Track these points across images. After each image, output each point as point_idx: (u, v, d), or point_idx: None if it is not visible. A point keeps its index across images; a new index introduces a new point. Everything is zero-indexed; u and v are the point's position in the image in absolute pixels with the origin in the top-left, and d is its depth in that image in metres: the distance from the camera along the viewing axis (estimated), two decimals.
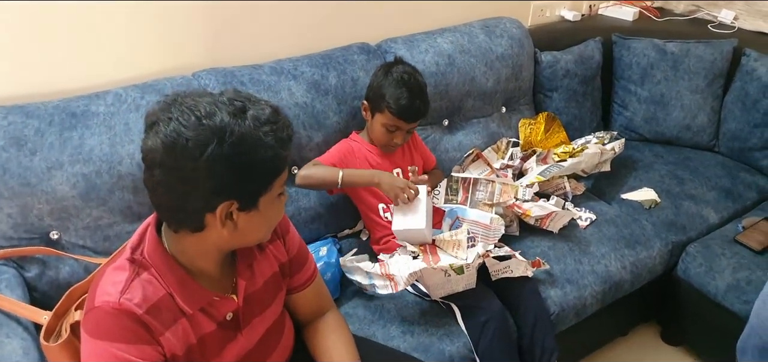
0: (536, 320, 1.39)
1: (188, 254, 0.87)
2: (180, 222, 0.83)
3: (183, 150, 0.75)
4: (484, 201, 1.54)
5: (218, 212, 0.80)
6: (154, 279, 0.84)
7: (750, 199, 1.88)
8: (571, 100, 2.02)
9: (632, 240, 1.65)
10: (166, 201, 0.81)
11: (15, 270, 1.19)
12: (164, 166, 0.77)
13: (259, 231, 0.90)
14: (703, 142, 2.09)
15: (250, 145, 0.77)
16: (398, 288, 1.27)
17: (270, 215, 0.88)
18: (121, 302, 0.79)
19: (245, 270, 0.94)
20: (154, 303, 0.82)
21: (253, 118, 0.78)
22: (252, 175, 0.80)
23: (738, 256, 1.62)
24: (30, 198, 1.17)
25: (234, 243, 0.89)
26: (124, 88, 1.32)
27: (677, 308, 1.77)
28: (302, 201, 1.51)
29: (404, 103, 1.40)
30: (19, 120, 1.19)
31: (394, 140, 1.46)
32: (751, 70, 1.98)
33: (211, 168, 0.76)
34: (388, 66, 1.47)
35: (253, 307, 0.96)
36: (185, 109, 0.77)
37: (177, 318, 0.85)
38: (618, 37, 2.12)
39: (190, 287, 0.86)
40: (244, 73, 1.45)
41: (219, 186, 0.78)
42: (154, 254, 0.85)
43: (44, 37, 1.29)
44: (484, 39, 1.83)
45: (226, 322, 0.92)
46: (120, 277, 0.82)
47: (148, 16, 1.40)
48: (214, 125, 0.76)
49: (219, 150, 0.75)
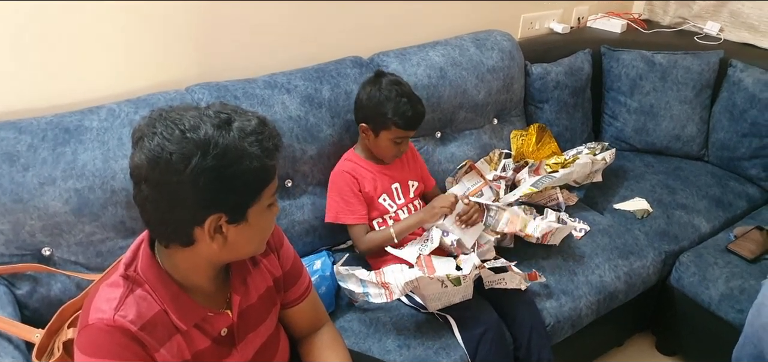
0: (532, 331, 1.39)
1: (181, 269, 0.86)
2: (169, 237, 0.83)
3: (167, 164, 0.75)
4: (491, 227, 1.53)
5: (206, 226, 0.79)
6: (148, 296, 0.83)
7: (740, 208, 1.90)
8: (561, 111, 2.05)
9: (625, 250, 1.66)
10: (155, 217, 0.81)
11: (5, 287, 1.18)
12: (150, 181, 0.77)
13: (250, 244, 0.88)
14: (692, 152, 2.12)
15: (234, 156, 0.77)
16: (393, 296, 1.27)
17: (261, 227, 0.87)
18: (115, 319, 0.78)
19: (239, 285, 0.93)
20: (148, 320, 0.81)
21: (238, 130, 0.78)
22: (238, 187, 0.79)
23: (731, 265, 1.63)
24: (22, 214, 1.16)
25: (226, 257, 0.88)
26: (117, 103, 1.32)
27: (671, 317, 1.78)
28: (296, 215, 1.51)
29: (410, 113, 1.42)
30: (12, 135, 1.18)
31: (401, 149, 1.48)
32: (737, 81, 2.01)
33: (196, 181, 0.75)
34: (374, 82, 1.46)
35: (247, 322, 0.95)
36: (169, 123, 0.76)
37: (172, 334, 0.84)
38: (607, 49, 2.15)
39: (184, 303, 0.85)
40: (237, 87, 1.45)
41: (205, 199, 0.78)
42: (147, 270, 0.84)
43: (37, 53, 1.29)
44: (475, 52, 1.85)
45: (220, 338, 0.91)
46: (114, 294, 0.81)
47: (142, 30, 1.41)
48: (198, 138, 0.75)
49: (203, 162, 0.75)
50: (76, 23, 1.31)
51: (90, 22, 1.33)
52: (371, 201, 1.48)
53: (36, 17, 1.26)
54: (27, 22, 1.25)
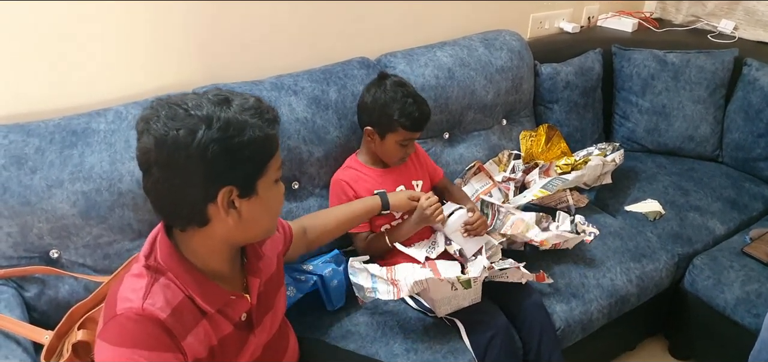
0: (542, 335, 1.37)
1: (200, 254, 0.87)
2: (185, 218, 0.83)
3: (174, 141, 0.77)
4: (497, 229, 1.52)
5: (219, 200, 0.81)
6: (172, 283, 0.83)
7: (756, 210, 1.86)
8: (572, 111, 2.02)
9: (638, 253, 1.63)
10: (167, 200, 0.82)
11: (14, 289, 1.18)
12: (159, 163, 0.78)
13: (263, 219, 0.89)
14: (706, 153, 2.08)
15: (237, 127, 0.79)
16: (400, 294, 1.25)
17: (271, 202, 0.89)
18: (144, 307, 0.79)
19: (256, 269, 0.96)
20: (175, 307, 0.82)
21: (237, 106, 0.81)
22: (245, 156, 0.81)
23: (746, 268, 1.60)
24: (30, 217, 1.17)
25: (241, 235, 0.89)
26: (124, 106, 1.32)
27: (685, 322, 1.74)
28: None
29: (416, 114, 1.40)
30: (20, 138, 1.19)
31: (407, 151, 1.47)
32: (752, 80, 1.97)
33: (204, 154, 0.77)
34: (378, 84, 1.44)
35: (263, 306, 0.97)
36: (172, 105, 0.79)
37: (198, 320, 0.85)
38: (618, 48, 2.12)
39: (208, 287, 0.86)
40: (244, 89, 1.44)
41: (214, 173, 0.79)
42: (168, 258, 0.84)
43: (45, 56, 1.30)
44: (484, 52, 1.83)
45: (241, 323, 0.93)
46: (139, 284, 0.82)
47: (148, 34, 1.41)
48: (202, 114, 0.78)
49: (209, 134, 0.77)
50: (83, 27, 1.32)
51: (96, 25, 1.33)
52: None
53: (43, 22, 1.27)
54: (35, 26, 1.26)
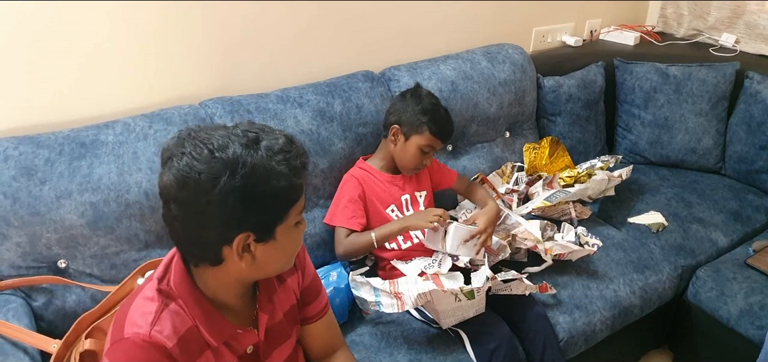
0: (545, 346, 1.37)
1: (211, 287, 0.86)
2: (198, 256, 0.83)
3: (196, 184, 0.75)
4: (505, 230, 1.54)
5: (235, 245, 0.79)
6: (181, 311, 0.83)
7: (759, 222, 1.86)
8: (574, 124, 2.03)
9: (641, 265, 1.63)
10: (184, 236, 0.81)
11: (23, 299, 1.19)
12: (179, 201, 0.77)
13: (278, 261, 0.88)
14: (709, 165, 2.08)
15: (262, 176, 0.77)
16: (404, 307, 1.26)
17: (288, 245, 0.86)
18: (152, 335, 0.78)
19: (266, 304, 0.94)
20: (182, 335, 0.81)
21: (266, 149, 0.78)
22: (266, 206, 0.79)
23: (750, 280, 1.60)
24: (39, 227, 1.18)
25: (254, 275, 0.89)
26: (132, 118, 1.34)
27: (689, 334, 1.74)
28: (307, 228, 1.51)
29: (444, 123, 1.46)
30: (30, 150, 1.21)
31: (424, 161, 1.49)
32: (754, 93, 1.98)
33: (225, 200, 0.75)
34: (415, 91, 1.50)
35: (272, 340, 0.96)
36: (198, 142, 0.77)
37: (203, 350, 0.84)
38: (620, 62, 2.14)
39: (215, 319, 0.86)
40: (250, 102, 1.47)
41: (233, 219, 0.78)
42: (180, 285, 0.84)
43: (54, 68, 1.32)
44: (487, 65, 1.85)
45: (246, 356, 0.92)
46: (149, 308, 0.81)
47: (156, 46, 1.43)
48: (227, 157, 0.75)
49: (231, 182, 0.75)
50: (91, 40, 1.34)
51: (105, 38, 1.36)
52: (378, 213, 1.48)
53: (52, 34, 1.29)
54: (44, 38, 1.28)
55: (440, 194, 1.66)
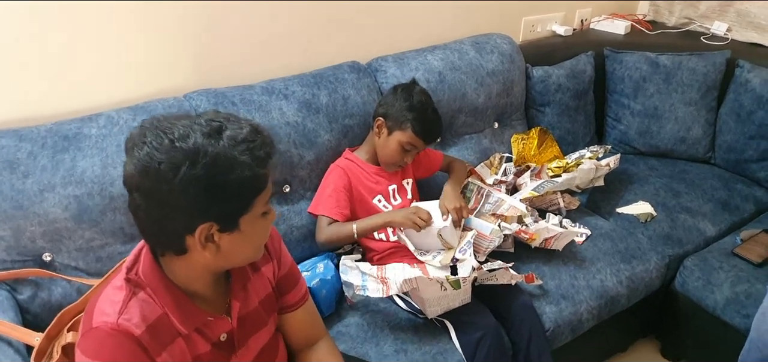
0: (531, 336, 1.38)
1: (179, 276, 0.87)
2: (163, 245, 0.84)
3: (156, 173, 0.75)
4: (490, 211, 1.54)
5: (197, 235, 0.79)
6: (150, 299, 0.83)
7: (747, 211, 1.87)
8: (563, 114, 2.03)
9: (628, 255, 1.64)
10: (148, 226, 0.82)
11: (8, 292, 1.20)
12: (141, 190, 0.78)
13: (244, 251, 0.88)
14: (698, 155, 2.08)
15: (224, 165, 0.77)
16: (389, 292, 1.26)
17: (254, 235, 0.87)
18: (119, 323, 0.79)
19: (239, 291, 0.94)
20: (151, 323, 0.82)
21: (229, 138, 0.78)
22: (229, 196, 0.79)
23: (736, 269, 1.60)
24: (23, 220, 1.18)
25: (221, 265, 0.89)
26: (116, 111, 1.34)
27: (676, 323, 1.75)
28: (294, 220, 1.51)
29: (429, 125, 1.45)
30: (12, 143, 1.21)
31: (405, 159, 1.48)
32: (744, 82, 1.98)
33: (185, 190, 0.75)
34: (407, 87, 1.49)
35: (247, 328, 0.96)
36: (159, 132, 0.77)
37: (173, 337, 0.85)
38: (610, 51, 2.13)
39: (185, 306, 0.86)
40: (235, 94, 1.46)
41: (196, 209, 0.78)
42: (149, 274, 0.84)
43: (37, 61, 1.31)
44: (475, 56, 1.84)
45: (220, 343, 0.92)
46: (117, 297, 0.82)
47: (140, 39, 1.43)
48: (188, 147, 0.75)
49: (192, 171, 0.75)
50: (74, 32, 1.33)
51: (88, 30, 1.35)
52: (365, 203, 1.48)
53: (35, 26, 1.28)
54: (26, 31, 1.28)
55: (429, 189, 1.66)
